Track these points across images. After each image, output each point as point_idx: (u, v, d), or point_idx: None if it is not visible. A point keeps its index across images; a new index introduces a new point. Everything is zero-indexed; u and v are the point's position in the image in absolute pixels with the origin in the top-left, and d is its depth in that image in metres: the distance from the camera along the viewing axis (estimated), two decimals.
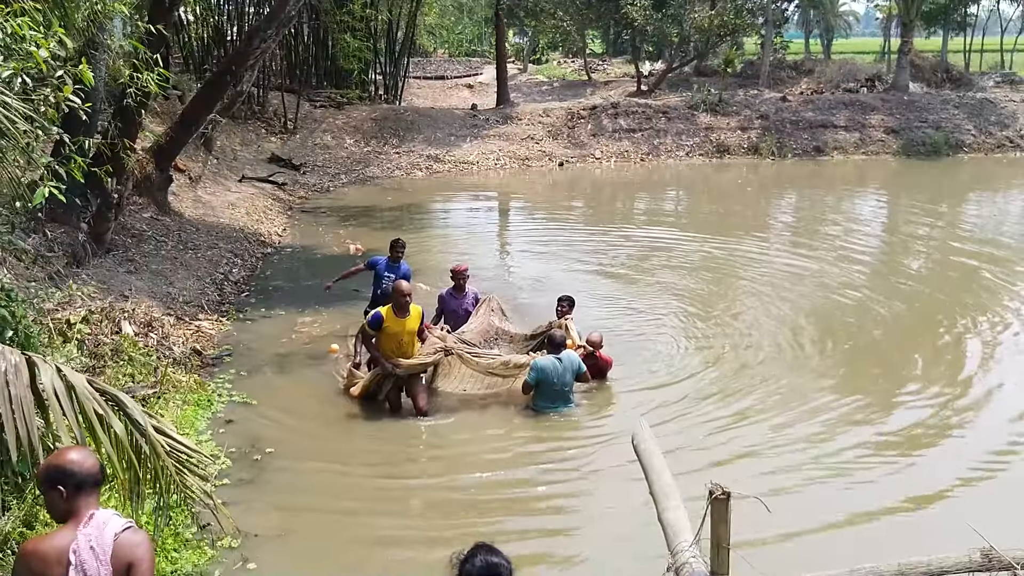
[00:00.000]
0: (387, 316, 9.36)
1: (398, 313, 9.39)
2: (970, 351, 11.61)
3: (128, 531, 3.83)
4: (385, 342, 9.46)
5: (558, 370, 9.41)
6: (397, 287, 9.46)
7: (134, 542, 3.81)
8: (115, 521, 3.83)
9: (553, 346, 9.72)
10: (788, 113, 32.00)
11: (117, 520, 3.85)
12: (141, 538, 3.86)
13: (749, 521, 6.76)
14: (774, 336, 12.11)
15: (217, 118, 17.51)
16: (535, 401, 9.56)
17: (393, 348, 9.44)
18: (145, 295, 12.17)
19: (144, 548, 3.83)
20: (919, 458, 8.57)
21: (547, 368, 9.40)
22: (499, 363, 9.81)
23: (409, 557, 7.01)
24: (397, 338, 9.44)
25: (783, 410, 9.66)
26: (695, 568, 3.61)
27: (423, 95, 39.44)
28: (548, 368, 9.40)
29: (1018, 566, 3.55)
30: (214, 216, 18.06)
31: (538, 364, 9.47)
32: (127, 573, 3.76)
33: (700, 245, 18.08)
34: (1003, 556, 3.55)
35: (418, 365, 9.53)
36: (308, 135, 28.93)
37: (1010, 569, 3.55)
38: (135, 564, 3.77)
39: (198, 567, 6.53)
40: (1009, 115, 32.26)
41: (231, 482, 7.97)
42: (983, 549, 3.58)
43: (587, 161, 29.55)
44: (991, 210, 22.91)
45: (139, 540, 3.84)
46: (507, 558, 3.69)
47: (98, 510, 3.85)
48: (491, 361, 9.82)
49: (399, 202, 23.10)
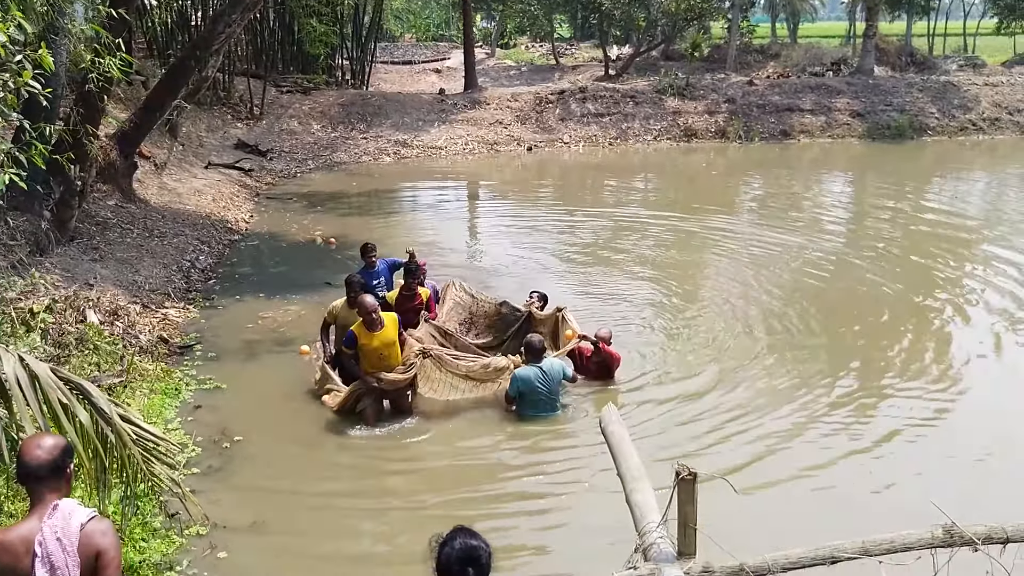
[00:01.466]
0: (360, 333, 8.87)
1: (370, 328, 8.84)
2: (939, 332, 11.75)
3: (93, 520, 3.80)
4: (365, 357, 8.95)
5: (541, 379, 9.02)
6: (361, 305, 8.86)
7: (100, 530, 3.79)
8: (80, 511, 3.80)
9: (533, 354, 9.23)
10: (755, 97, 32.14)
11: (82, 510, 3.81)
12: (106, 526, 3.84)
13: (716, 502, 6.85)
14: (755, 319, 12.19)
15: (182, 104, 17.31)
16: (520, 409, 9.17)
17: (375, 361, 8.93)
18: (110, 283, 12.05)
19: (111, 536, 3.81)
20: (884, 439, 8.66)
21: (529, 379, 9.00)
22: (479, 366, 9.32)
23: (382, 549, 7.03)
24: (376, 352, 8.92)
25: (756, 393, 9.74)
26: (662, 548, 3.64)
27: (390, 80, 39.24)
28: (531, 379, 9.00)
29: (979, 541, 3.60)
30: (180, 203, 17.89)
31: (519, 376, 9.05)
32: (95, 562, 3.74)
33: (670, 224, 18.22)
34: (964, 532, 3.61)
35: (400, 380, 9.00)
36: (274, 121, 28.71)
37: (971, 544, 3.61)
38: (103, 552, 3.75)
39: (167, 556, 6.51)
40: (972, 98, 32.58)
41: (200, 470, 7.94)
42: (945, 526, 3.63)
43: (555, 145, 29.55)
44: (954, 191, 23.17)
45: (104, 528, 3.82)
46: (486, 541, 3.73)
47: (61, 500, 3.81)
48: (471, 364, 9.33)
49: (367, 187, 23.01)
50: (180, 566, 6.42)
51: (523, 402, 9.11)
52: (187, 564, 6.45)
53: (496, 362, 9.41)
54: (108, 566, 3.76)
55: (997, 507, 6.71)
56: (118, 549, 3.84)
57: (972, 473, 7.99)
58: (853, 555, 3.57)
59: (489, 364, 9.36)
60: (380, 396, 9.11)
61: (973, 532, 3.60)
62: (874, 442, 8.56)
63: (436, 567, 3.74)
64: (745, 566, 3.55)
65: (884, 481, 7.84)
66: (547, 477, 7.92)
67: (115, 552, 3.80)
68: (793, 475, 7.96)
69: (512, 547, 6.81)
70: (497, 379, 9.33)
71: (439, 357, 9.22)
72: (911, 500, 7.36)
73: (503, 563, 6.25)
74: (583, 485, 7.70)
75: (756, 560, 3.55)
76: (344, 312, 9.61)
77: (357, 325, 8.89)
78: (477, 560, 3.69)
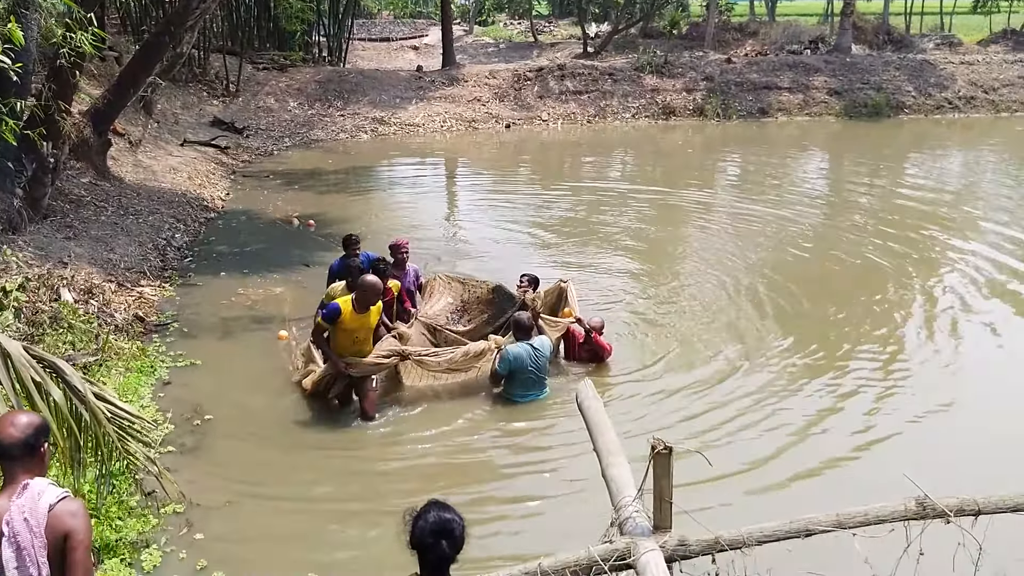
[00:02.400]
0: (346, 310, 8.38)
1: (359, 309, 8.41)
2: (913, 304, 11.85)
3: (64, 501, 3.75)
4: (340, 338, 8.51)
5: (532, 357, 8.81)
6: (371, 287, 8.40)
7: (70, 511, 3.74)
8: (51, 491, 3.75)
9: (522, 331, 9.02)
10: (733, 75, 32.15)
11: (53, 490, 3.76)
12: (77, 507, 3.78)
13: (692, 476, 6.90)
14: (732, 293, 12.26)
15: (157, 81, 17.11)
16: (508, 390, 8.96)
17: (347, 345, 8.52)
18: (85, 261, 11.95)
19: (81, 517, 3.76)
20: (857, 412, 8.74)
21: (521, 356, 8.77)
22: (460, 355, 9.04)
23: (356, 525, 7.03)
24: (352, 334, 8.50)
25: (727, 366, 9.80)
26: (638, 522, 3.66)
27: (368, 57, 38.97)
28: (523, 356, 8.78)
29: (951, 513, 3.64)
30: (155, 181, 17.73)
31: (511, 353, 8.79)
32: (64, 543, 3.69)
33: (648, 199, 18.29)
34: (936, 504, 3.64)
35: (372, 367, 8.63)
36: (251, 98, 28.47)
37: (944, 516, 3.65)
38: (71, 534, 3.70)
39: (143, 535, 6.48)
40: (948, 77, 32.72)
41: (175, 448, 7.91)
42: (918, 498, 3.67)
43: (534, 123, 29.47)
44: (930, 169, 23.29)
45: (75, 509, 3.76)
46: (460, 514, 3.75)
47: (33, 479, 3.76)
48: (452, 355, 9.03)
49: (344, 165, 22.87)
50: (156, 544, 6.40)
51: (512, 381, 8.89)
52: (164, 542, 6.43)
53: (475, 347, 9.16)
54: (76, 548, 3.70)
55: (971, 480, 6.79)
56: (88, 531, 3.78)
57: (950, 447, 8.08)
58: (827, 528, 3.60)
59: (469, 351, 9.10)
60: (349, 382, 8.75)
61: (946, 504, 3.64)
62: (847, 418, 8.64)
63: (410, 540, 3.76)
64: (721, 539, 3.57)
65: (857, 452, 7.92)
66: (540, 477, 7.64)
67: (84, 534, 3.74)
68: (770, 453, 8.03)
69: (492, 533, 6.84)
70: (477, 364, 9.14)
71: (419, 361, 8.94)
72: (885, 473, 7.44)
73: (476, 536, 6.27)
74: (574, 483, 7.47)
75: (732, 533, 3.57)
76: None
77: (345, 301, 8.44)
78: (451, 533, 3.71)
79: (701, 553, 3.59)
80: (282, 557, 6.47)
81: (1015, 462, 7.58)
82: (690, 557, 3.60)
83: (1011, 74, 33.12)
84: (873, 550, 3.65)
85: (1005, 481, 5.06)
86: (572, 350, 9.95)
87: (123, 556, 6.18)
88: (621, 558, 3.50)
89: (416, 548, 3.74)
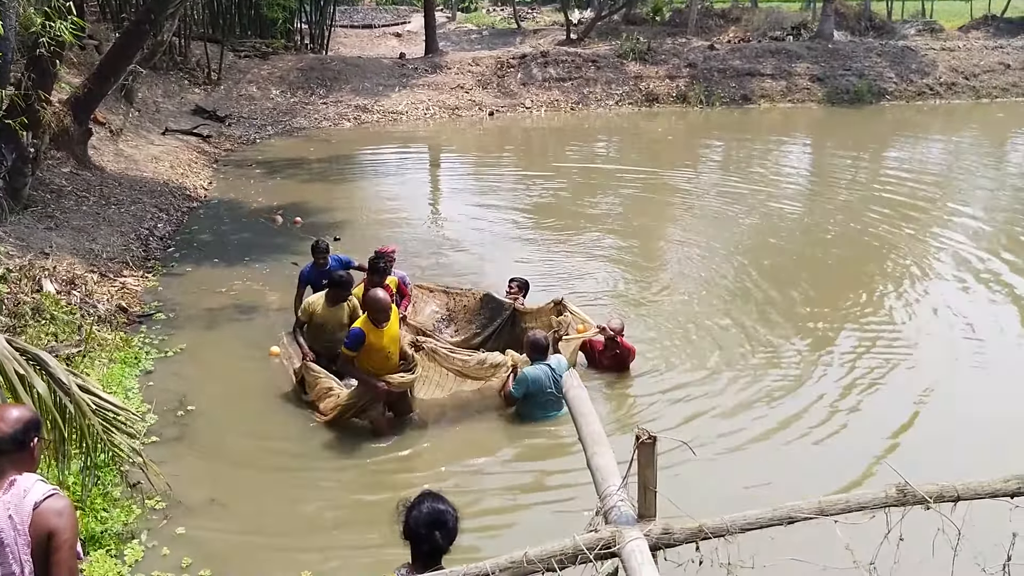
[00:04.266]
0: (367, 331, 7.84)
1: (378, 324, 7.85)
2: (898, 293, 11.93)
3: (50, 499, 3.69)
4: (372, 359, 7.94)
5: (550, 378, 8.26)
6: (376, 301, 7.84)
7: (55, 510, 3.67)
8: (38, 488, 3.70)
9: (539, 352, 8.47)
10: (716, 62, 32.15)
11: (40, 487, 3.71)
12: (63, 505, 3.72)
13: (677, 465, 6.95)
14: (715, 280, 12.31)
15: (137, 69, 17.03)
16: (524, 410, 8.46)
17: (381, 363, 7.96)
18: (67, 252, 11.89)
19: (66, 516, 3.69)
20: (841, 402, 8.82)
21: (540, 379, 8.28)
22: (475, 362, 8.57)
23: (341, 515, 7.05)
24: (383, 352, 7.94)
25: (713, 357, 9.86)
26: (623, 511, 3.68)
27: (350, 44, 38.78)
28: (541, 379, 8.28)
29: (931, 499, 3.68)
30: (137, 170, 17.63)
31: (529, 377, 8.28)
32: (48, 542, 3.63)
33: (632, 185, 18.33)
34: (917, 491, 3.68)
35: (408, 381, 8.11)
36: (233, 86, 28.30)
37: (924, 503, 3.69)
38: (55, 533, 3.63)
39: (128, 526, 6.49)
40: (929, 63, 32.82)
41: (160, 439, 7.92)
42: (898, 485, 3.70)
43: (517, 110, 29.42)
44: (912, 155, 23.40)
45: (61, 507, 3.69)
46: (453, 506, 3.78)
47: (20, 476, 3.71)
48: (467, 358, 8.56)
49: (327, 153, 22.78)
50: (141, 536, 6.40)
51: (529, 403, 8.39)
52: (147, 536, 6.44)
53: (493, 358, 8.67)
54: (60, 548, 3.63)
55: (951, 467, 6.87)
56: (73, 530, 3.71)
57: (928, 432, 8.17)
58: (810, 515, 3.63)
59: (485, 360, 8.60)
60: (385, 401, 8.15)
61: (926, 491, 3.67)
62: (831, 408, 8.71)
63: (403, 531, 3.79)
64: (704, 527, 3.60)
65: (839, 441, 8.00)
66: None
67: (69, 533, 3.67)
68: (751, 439, 8.10)
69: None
70: (491, 376, 8.65)
71: (433, 350, 8.46)
72: (866, 461, 7.53)
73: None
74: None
75: (715, 521, 3.60)
76: (323, 311, 8.84)
77: (363, 322, 7.89)
78: (444, 524, 3.75)
79: (685, 541, 3.61)
80: (269, 554, 6.48)
81: (994, 447, 7.67)
82: (674, 545, 3.63)
83: (992, 60, 33.26)
84: (854, 536, 3.70)
85: (987, 466, 5.13)
86: (593, 359, 9.41)
87: (109, 547, 6.18)
88: (606, 546, 3.53)
89: (409, 539, 3.77)
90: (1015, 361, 9.90)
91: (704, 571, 3.65)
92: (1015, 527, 3.76)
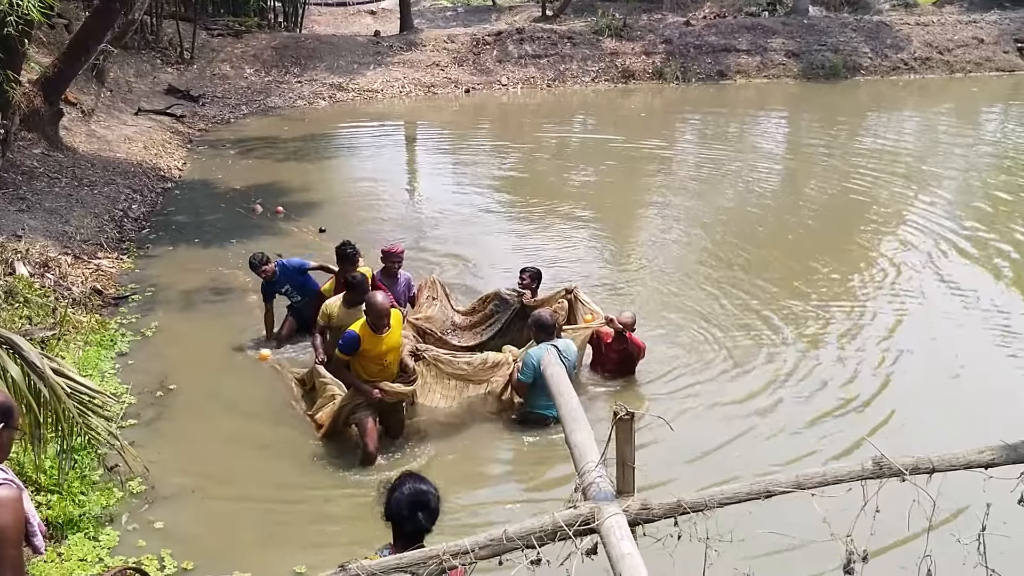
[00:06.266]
0: (364, 335, 7.32)
1: (376, 330, 7.32)
2: (875, 267, 12.04)
3: None
4: (366, 366, 7.47)
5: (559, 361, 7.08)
6: (374, 306, 7.29)
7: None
8: None
9: (545, 331, 7.84)
10: (691, 38, 32.07)
11: None
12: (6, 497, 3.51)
13: (655, 442, 7.00)
14: (691, 255, 12.37)
15: (108, 48, 16.79)
16: (532, 402, 7.83)
17: (375, 372, 7.48)
18: (39, 234, 11.78)
19: (7, 512, 3.48)
20: (819, 376, 8.90)
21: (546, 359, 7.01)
22: (477, 361, 8.08)
23: (315, 495, 7.05)
24: (380, 359, 7.45)
25: (690, 333, 9.90)
26: (601, 487, 3.70)
27: (324, 22, 38.40)
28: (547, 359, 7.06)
29: (907, 472, 3.72)
30: (110, 151, 17.44)
31: (534, 357, 7.57)
32: None
33: (609, 160, 18.31)
34: (892, 463, 3.72)
35: (404, 392, 7.65)
36: (206, 65, 27.98)
37: (899, 475, 3.73)
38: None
39: (107, 509, 6.47)
40: (904, 38, 32.88)
41: (139, 421, 7.89)
42: (874, 458, 3.74)
43: (493, 88, 29.27)
44: (887, 128, 23.50)
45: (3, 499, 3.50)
46: (434, 486, 3.78)
47: None
48: (470, 360, 8.09)
49: (302, 132, 22.59)
50: (121, 519, 6.39)
51: (536, 391, 7.62)
52: (126, 519, 6.42)
53: (493, 357, 8.16)
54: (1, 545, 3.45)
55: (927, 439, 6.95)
56: (15, 526, 3.52)
57: (901, 405, 8.25)
58: (787, 489, 3.66)
59: (487, 360, 8.11)
60: (376, 410, 7.58)
61: (901, 464, 3.71)
62: (806, 382, 8.79)
63: (385, 512, 3.79)
64: (683, 502, 3.62)
65: (815, 417, 8.07)
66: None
67: (11, 531, 3.49)
68: (727, 416, 8.16)
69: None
70: (492, 377, 8.19)
71: (435, 358, 7.98)
72: (843, 435, 7.60)
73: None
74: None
75: (693, 496, 3.63)
76: (342, 314, 8.30)
77: (362, 326, 7.37)
78: (427, 504, 3.75)
79: (664, 516, 3.64)
80: (249, 536, 6.48)
81: (971, 419, 7.76)
82: (653, 520, 3.65)
83: (965, 35, 33.34)
84: (831, 509, 3.73)
85: (963, 437, 5.20)
86: (600, 355, 8.83)
87: (87, 531, 6.17)
88: (585, 523, 3.55)
89: (392, 520, 3.78)
90: (993, 332, 10.00)
91: (683, 546, 3.68)
92: (989, 498, 3.81)
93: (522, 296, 9.14)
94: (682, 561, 3.79)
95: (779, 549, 5.44)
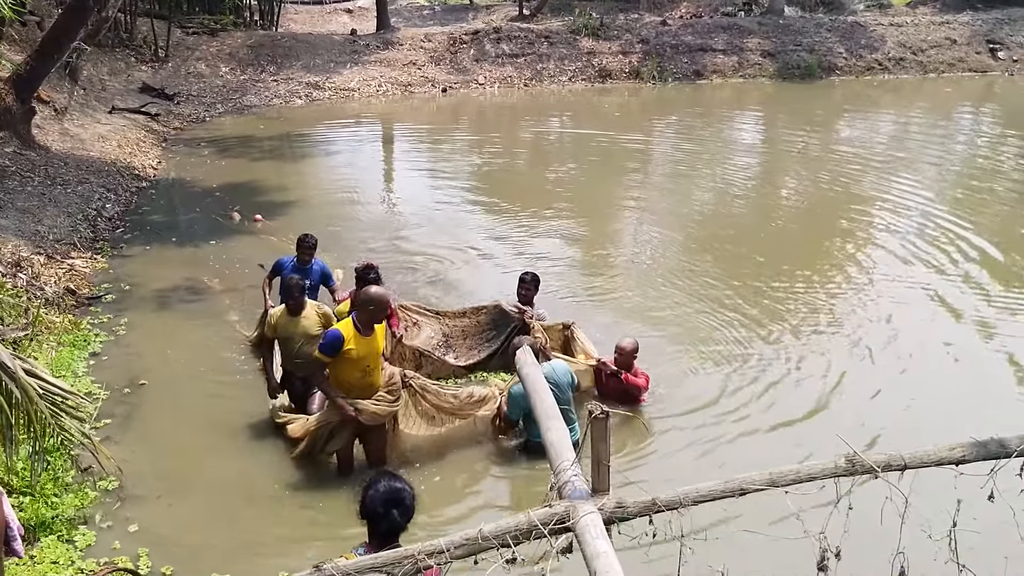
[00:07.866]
0: (349, 336, 6.70)
1: (364, 330, 6.78)
2: (849, 264, 12.14)
3: None
4: (346, 371, 6.83)
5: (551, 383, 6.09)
6: (373, 298, 6.76)
7: None
8: None
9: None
10: (668, 37, 32.18)
11: None
12: None
13: (630, 441, 7.02)
14: (665, 253, 12.42)
15: (82, 46, 16.68)
16: (530, 433, 7.38)
17: (356, 379, 6.87)
18: (11, 234, 11.67)
19: None
20: (793, 377, 8.95)
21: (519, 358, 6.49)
22: (464, 395, 7.77)
23: (288, 492, 7.02)
24: (361, 364, 6.83)
25: (667, 330, 9.94)
26: (577, 485, 3.71)
27: (300, 21, 38.24)
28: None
29: (879, 468, 3.75)
30: (83, 149, 17.29)
31: (517, 392, 7.13)
32: None
33: (585, 157, 18.35)
34: (865, 460, 3.75)
35: (383, 414, 7.06)
36: (181, 63, 27.80)
37: (872, 472, 3.75)
38: None
39: (81, 510, 6.42)
40: (878, 38, 33.12)
41: (112, 421, 7.83)
42: (847, 455, 3.76)
43: (470, 87, 29.26)
44: (862, 128, 23.68)
45: None
46: (410, 484, 3.80)
47: None
48: (457, 393, 7.76)
49: (278, 131, 22.51)
50: (95, 520, 6.34)
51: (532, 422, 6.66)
52: (99, 518, 6.37)
53: (479, 392, 7.87)
54: None
55: (898, 436, 7.02)
56: None
57: (874, 403, 8.32)
58: (761, 487, 3.68)
59: (472, 394, 7.80)
60: (354, 432, 7.10)
61: (874, 461, 3.74)
62: (782, 382, 8.84)
63: (361, 510, 3.80)
64: (658, 500, 3.63)
65: (791, 417, 8.12)
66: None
67: None
68: (703, 416, 8.19)
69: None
70: (477, 412, 7.82)
71: (423, 387, 7.55)
72: (816, 432, 7.66)
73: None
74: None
75: (668, 495, 3.64)
76: (285, 322, 7.73)
77: (347, 325, 6.77)
78: (401, 502, 3.77)
79: (639, 514, 3.65)
80: (223, 535, 6.45)
81: (942, 415, 7.84)
82: (628, 519, 3.66)
83: (939, 35, 33.63)
84: (805, 506, 3.75)
85: (932, 435, 5.24)
86: (602, 386, 8.37)
87: (60, 533, 6.12)
88: (560, 521, 3.55)
89: (367, 518, 3.79)
90: (968, 328, 10.14)
91: (658, 544, 3.69)
92: (960, 494, 3.84)
93: (523, 313, 8.82)
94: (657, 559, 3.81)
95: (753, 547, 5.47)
